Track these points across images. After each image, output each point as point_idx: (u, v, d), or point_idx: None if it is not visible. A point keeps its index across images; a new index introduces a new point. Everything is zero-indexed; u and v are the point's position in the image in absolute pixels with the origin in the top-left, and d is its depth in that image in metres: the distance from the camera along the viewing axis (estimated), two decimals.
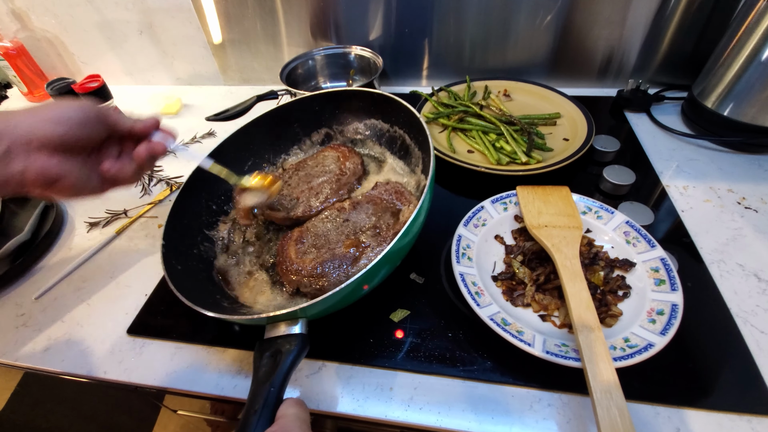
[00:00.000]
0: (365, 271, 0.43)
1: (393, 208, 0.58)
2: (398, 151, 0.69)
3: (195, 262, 0.60)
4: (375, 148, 0.73)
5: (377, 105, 0.68)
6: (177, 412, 0.92)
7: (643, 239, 0.56)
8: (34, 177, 0.41)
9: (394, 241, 0.45)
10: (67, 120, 0.42)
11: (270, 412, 0.38)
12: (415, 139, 0.64)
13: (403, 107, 0.62)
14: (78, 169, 0.44)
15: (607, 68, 0.97)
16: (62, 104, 0.44)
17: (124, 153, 0.49)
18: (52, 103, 0.44)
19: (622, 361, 0.44)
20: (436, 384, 0.50)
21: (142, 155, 0.48)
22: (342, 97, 0.70)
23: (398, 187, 0.60)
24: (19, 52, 1.11)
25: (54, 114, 0.42)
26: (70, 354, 0.57)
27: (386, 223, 0.56)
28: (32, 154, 0.40)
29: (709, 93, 0.79)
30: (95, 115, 0.44)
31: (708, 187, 0.71)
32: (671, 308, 0.48)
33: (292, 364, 0.42)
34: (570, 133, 0.80)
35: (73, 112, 0.43)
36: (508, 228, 0.63)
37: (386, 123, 0.70)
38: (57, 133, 0.41)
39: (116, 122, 0.47)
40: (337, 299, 0.45)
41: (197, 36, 1.07)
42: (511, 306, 0.54)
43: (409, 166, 0.67)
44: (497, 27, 0.94)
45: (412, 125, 0.63)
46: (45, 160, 0.41)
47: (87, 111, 0.44)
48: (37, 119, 0.41)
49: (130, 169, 0.48)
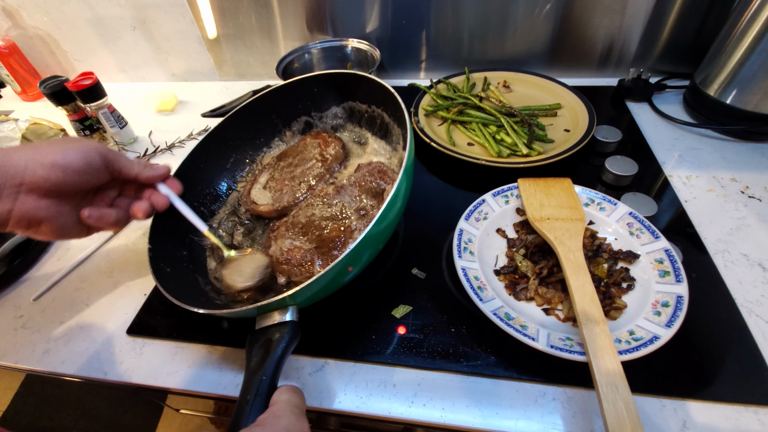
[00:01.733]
0: (348, 251, 0.42)
1: (377, 188, 0.58)
2: (378, 131, 0.68)
3: (185, 263, 0.59)
4: (355, 130, 0.71)
5: (352, 86, 0.67)
6: (180, 411, 0.92)
7: (647, 230, 0.55)
8: (17, 218, 0.40)
9: (376, 218, 0.44)
10: (66, 167, 0.41)
11: (263, 400, 0.38)
12: (393, 115, 0.63)
13: (377, 84, 0.60)
14: (66, 213, 0.43)
15: (607, 57, 0.95)
16: (66, 147, 0.42)
17: (122, 197, 0.48)
18: (56, 143, 0.42)
19: (627, 354, 0.43)
20: (439, 380, 0.49)
21: (143, 210, 0.47)
22: (315, 82, 0.69)
23: (381, 167, 0.60)
24: (11, 50, 1.09)
25: (54, 158, 0.41)
26: (71, 355, 0.57)
27: (371, 203, 0.56)
28: (21, 195, 0.40)
29: (712, 81, 0.78)
30: (100, 162, 0.43)
31: (711, 176, 0.70)
32: (676, 300, 0.48)
33: (284, 351, 0.42)
34: (571, 124, 0.79)
35: (75, 158, 0.42)
36: (510, 221, 0.62)
37: (364, 104, 0.68)
38: (51, 179, 0.40)
39: (121, 169, 0.46)
40: (324, 283, 0.44)
41: (191, 31, 1.05)
42: (514, 300, 0.53)
43: (391, 144, 0.66)
44: (496, 17, 0.92)
45: (387, 102, 0.61)
46: (33, 203, 0.40)
47: (90, 158, 0.42)
48: (34, 161, 0.40)
49: (114, 217, 0.47)
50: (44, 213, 0.41)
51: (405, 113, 0.53)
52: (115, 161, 0.45)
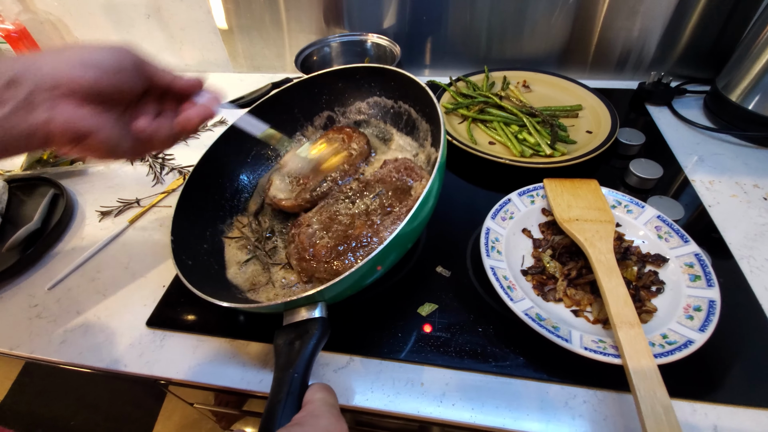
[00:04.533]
0: (382, 247, 0.41)
1: (404, 185, 0.57)
2: (404, 127, 0.67)
3: (206, 256, 0.58)
4: (380, 125, 0.70)
5: (379, 81, 0.66)
6: (185, 401, 0.91)
7: (676, 234, 0.55)
8: (60, 129, 0.35)
9: (410, 216, 0.43)
10: (99, 65, 0.36)
11: (295, 398, 0.37)
12: (422, 111, 0.62)
13: (407, 79, 0.59)
14: (111, 125, 0.38)
15: (626, 60, 0.95)
16: (93, 47, 0.37)
17: (163, 113, 0.43)
18: (81, 46, 0.37)
19: (662, 357, 0.43)
20: (467, 379, 0.49)
21: (193, 118, 0.42)
22: (340, 76, 0.67)
23: (408, 163, 0.59)
24: (21, 35, 1.07)
25: (84, 57, 0.36)
26: (88, 347, 0.56)
27: (398, 200, 0.55)
28: (58, 101, 0.35)
29: (734, 86, 0.77)
30: (131, 63, 0.38)
31: (734, 182, 0.70)
32: (708, 304, 0.47)
33: (315, 348, 0.41)
34: (593, 126, 0.79)
35: (107, 56, 0.37)
36: (535, 221, 0.62)
37: (390, 99, 0.67)
38: (87, 79, 0.35)
39: (155, 74, 0.41)
40: (353, 280, 0.43)
41: (206, 21, 1.04)
42: (542, 301, 0.53)
43: (417, 141, 0.65)
44: (514, 16, 0.92)
45: (417, 98, 0.61)
46: (73, 110, 0.35)
47: (122, 57, 0.38)
48: (64, 62, 0.35)
49: (167, 131, 0.42)
50: (88, 122, 0.36)
51: (438, 109, 0.52)
52: (146, 64, 0.40)
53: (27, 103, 0.34)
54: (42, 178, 0.81)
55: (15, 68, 0.34)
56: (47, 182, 0.80)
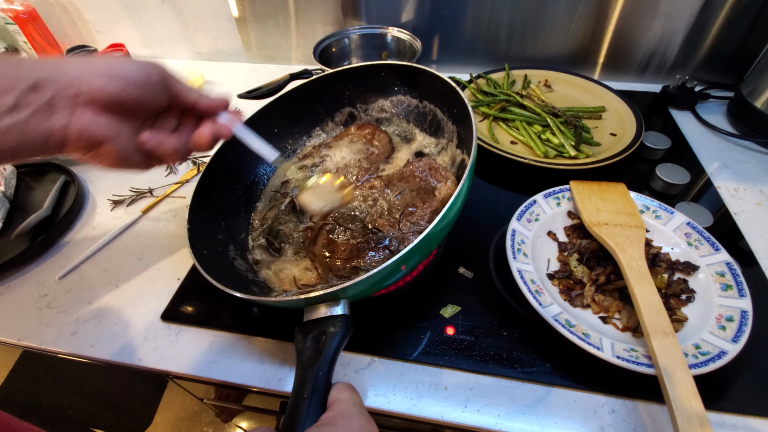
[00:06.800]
0: (406, 251, 0.40)
1: (428, 185, 0.56)
2: (428, 128, 0.66)
3: (222, 247, 0.56)
4: (402, 125, 0.69)
5: (405, 79, 0.65)
6: (194, 395, 0.90)
7: (706, 242, 0.54)
8: (76, 134, 0.35)
9: (439, 217, 0.41)
10: (125, 77, 0.37)
11: (320, 397, 0.36)
12: (449, 112, 0.61)
13: (437, 78, 0.58)
14: (126, 135, 0.38)
15: (648, 62, 0.94)
16: (122, 59, 0.39)
17: (181, 128, 0.43)
18: (110, 57, 0.38)
19: (696, 368, 0.42)
20: (493, 385, 0.48)
21: (206, 137, 0.43)
22: (368, 73, 0.66)
23: (432, 164, 0.57)
24: (30, 16, 1.05)
25: (111, 68, 0.36)
26: (101, 339, 0.54)
27: (421, 200, 0.54)
28: (78, 108, 0.35)
29: (760, 93, 0.76)
30: (158, 80, 0.39)
31: (758, 190, 0.69)
32: (741, 315, 0.46)
33: (338, 345, 0.40)
34: (617, 128, 0.77)
35: (134, 70, 0.37)
36: (561, 224, 0.61)
37: (415, 98, 0.66)
38: (110, 90, 0.36)
39: (180, 92, 0.41)
40: (377, 279, 0.42)
41: (222, 8, 1.02)
42: (569, 306, 0.51)
43: (441, 142, 0.64)
44: (535, 13, 0.90)
45: (444, 98, 0.59)
46: (91, 117, 0.36)
47: (149, 73, 0.38)
48: (90, 70, 0.36)
49: (173, 145, 0.42)
50: (103, 130, 0.36)
51: (470, 110, 0.51)
52: (174, 82, 0.41)
53: (48, 107, 0.34)
54: (52, 164, 0.79)
55: (40, 72, 0.34)
56: (58, 168, 0.78)
